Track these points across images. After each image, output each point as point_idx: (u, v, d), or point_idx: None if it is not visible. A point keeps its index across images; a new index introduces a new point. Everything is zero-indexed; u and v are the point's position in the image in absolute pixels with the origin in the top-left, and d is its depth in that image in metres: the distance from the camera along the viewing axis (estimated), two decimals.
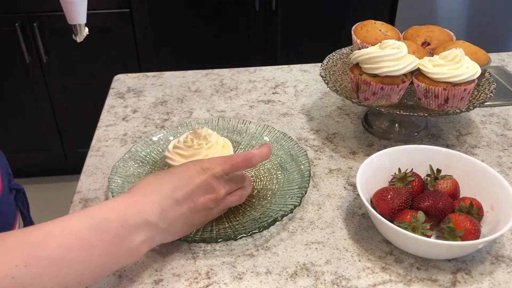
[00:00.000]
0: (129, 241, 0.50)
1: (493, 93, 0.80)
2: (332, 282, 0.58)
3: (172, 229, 0.56)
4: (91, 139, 0.86)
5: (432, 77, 0.75)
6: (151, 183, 0.55)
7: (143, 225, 0.51)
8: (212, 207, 0.58)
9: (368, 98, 0.78)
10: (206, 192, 0.57)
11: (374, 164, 0.68)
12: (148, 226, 0.52)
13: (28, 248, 0.44)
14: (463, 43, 0.83)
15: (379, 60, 0.75)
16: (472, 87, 0.76)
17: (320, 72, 0.86)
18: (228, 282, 0.58)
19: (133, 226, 0.50)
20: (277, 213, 0.65)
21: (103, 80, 1.25)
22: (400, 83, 0.76)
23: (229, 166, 0.58)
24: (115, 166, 0.71)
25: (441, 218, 0.61)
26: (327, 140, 0.84)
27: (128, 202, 0.52)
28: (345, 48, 0.95)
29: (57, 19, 1.83)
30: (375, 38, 0.86)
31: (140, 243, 0.51)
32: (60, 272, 0.45)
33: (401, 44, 0.77)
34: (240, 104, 0.95)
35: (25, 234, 0.45)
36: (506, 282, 0.58)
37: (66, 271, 0.45)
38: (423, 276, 0.58)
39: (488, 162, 0.78)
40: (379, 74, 0.75)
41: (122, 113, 0.93)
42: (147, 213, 0.52)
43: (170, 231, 0.56)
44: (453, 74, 0.74)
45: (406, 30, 0.92)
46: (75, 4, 0.79)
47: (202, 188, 0.56)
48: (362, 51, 0.77)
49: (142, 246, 0.52)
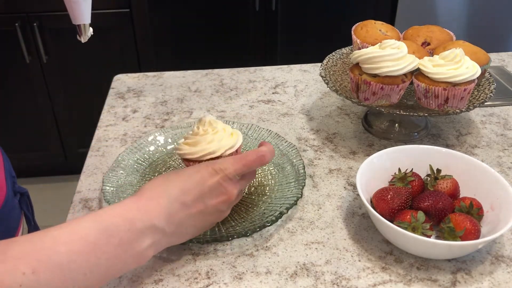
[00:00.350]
0: (136, 245, 0.50)
1: (493, 93, 0.80)
2: (332, 282, 0.58)
3: (180, 232, 0.55)
4: (91, 139, 0.85)
5: (432, 77, 0.75)
6: (159, 185, 0.54)
7: (150, 230, 0.51)
8: (224, 208, 0.57)
9: (368, 98, 0.78)
10: (218, 195, 0.56)
11: (374, 164, 0.68)
12: (154, 230, 0.51)
13: (36, 254, 0.44)
14: (463, 43, 0.83)
15: (379, 60, 0.75)
16: (472, 87, 0.76)
17: (320, 72, 0.86)
18: (228, 282, 0.58)
19: (139, 231, 0.50)
20: (281, 206, 0.65)
21: (103, 80, 1.25)
22: (400, 83, 0.76)
23: (241, 165, 0.57)
24: (106, 175, 0.71)
25: (441, 218, 0.61)
26: (327, 140, 0.84)
27: (134, 206, 0.51)
28: (345, 48, 0.95)
29: (57, 19, 1.83)
30: (375, 38, 0.86)
31: (147, 247, 0.51)
32: (69, 277, 0.45)
33: (401, 44, 0.77)
34: (240, 104, 0.95)
35: (33, 241, 0.45)
36: (506, 282, 0.58)
37: (74, 276, 0.45)
38: (423, 276, 0.58)
39: (488, 162, 0.78)
40: (379, 74, 0.75)
41: (122, 113, 0.93)
42: (153, 218, 0.51)
43: (178, 234, 0.55)
44: (453, 74, 0.74)
45: (406, 30, 0.92)
46: (79, 4, 0.78)
47: (214, 191, 0.55)
48: (362, 51, 0.77)
49: (149, 250, 0.51)
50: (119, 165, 0.73)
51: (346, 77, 0.88)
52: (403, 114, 0.76)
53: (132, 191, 0.70)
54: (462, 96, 0.75)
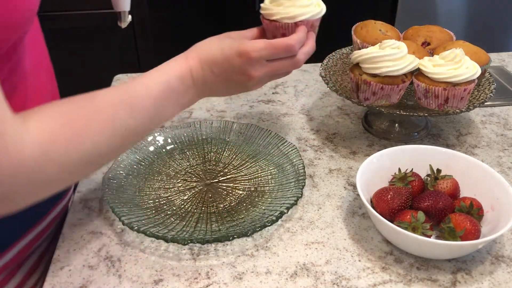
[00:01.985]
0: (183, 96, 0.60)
1: (493, 93, 0.80)
2: (332, 282, 0.58)
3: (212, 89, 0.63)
4: None
5: (432, 77, 0.75)
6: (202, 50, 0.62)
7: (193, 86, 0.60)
8: (248, 84, 0.63)
9: (368, 98, 0.78)
10: (239, 74, 0.61)
11: (374, 164, 0.68)
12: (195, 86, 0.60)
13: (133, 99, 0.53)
14: (463, 43, 0.83)
15: (379, 60, 0.75)
16: (472, 87, 0.76)
17: (320, 72, 0.86)
18: (228, 282, 0.58)
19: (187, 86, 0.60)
20: (281, 206, 0.65)
21: (103, 80, 1.24)
22: (400, 83, 0.76)
23: (267, 52, 0.60)
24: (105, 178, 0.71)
25: (441, 218, 0.61)
26: (327, 140, 0.84)
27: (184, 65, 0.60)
28: (345, 48, 0.95)
29: (57, 19, 1.83)
30: (375, 38, 0.86)
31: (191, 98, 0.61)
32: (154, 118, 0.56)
33: (401, 44, 0.77)
34: (240, 104, 0.95)
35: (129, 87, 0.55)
36: (506, 282, 0.58)
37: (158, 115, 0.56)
38: (423, 276, 0.58)
39: (488, 162, 0.78)
40: (379, 74, 0.75)
41: None
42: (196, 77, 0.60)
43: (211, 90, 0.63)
44: (453, 74, 0.74)
45: (406, 30, 0.92)
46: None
47: (235, 71, 0.61)
48: (362, 51, 0.77)
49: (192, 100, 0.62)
50: (119, 165, 0.73)
51: (346, 77, 0.88)
52: (403, 114, 0.76)
53: (132, 191, 0.70)
54: (462, 96, 0.75)
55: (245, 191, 0.71)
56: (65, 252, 0.62)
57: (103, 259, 0.61)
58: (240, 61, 0.60)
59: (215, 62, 0.61)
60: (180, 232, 0.63)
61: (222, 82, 0.62)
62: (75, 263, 0.61)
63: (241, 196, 0.70)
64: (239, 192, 0.71)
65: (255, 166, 0.76)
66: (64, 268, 0.60)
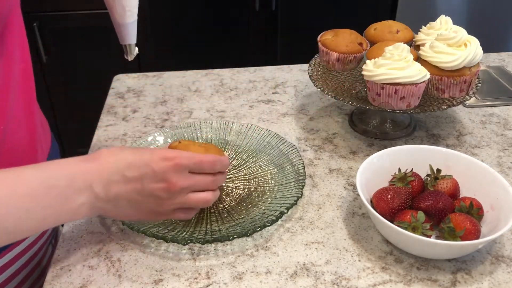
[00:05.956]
0: (71, 201, 0.52)
1: (479, 86, 0.81)
2: (332, 282, 0.58)
3: (116, 205, 0.55)
4: (91, 139, 0.86)
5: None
6: (113, 154, 0.55)
7: (87, 190, 0.52)
8: (164, 197, 0.56)
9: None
10: (159, 181, 0.55)
11: (374, 164, 0.68)
12: (90, 192, 0.53)
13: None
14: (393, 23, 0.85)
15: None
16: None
17: (308, 71, 0.86)
18: (228, 282, 0.58)
19: (77, 189, 0.52)
20: (281, 206, 0.65)
21: (103, 80, 1.24)
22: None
23: (193, 163, 0.57)
24: None
25: (441, 218, 0.61)
26: (327, 140, 0.84)
27: (81, 165, 0.53)
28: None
29: (57, 19, 1.83)
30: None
31: (81, 205, 0.52)
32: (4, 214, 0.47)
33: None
34: (240, 104, 0.95)
35: None
36: (506, 282, 0.58)
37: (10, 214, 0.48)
38: (423, 276, 0.58)
39: (488, 162, 0.78)
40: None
41: (122, 113, 0.93)
42: (93, 180, 0.53)
43: (114, 206, 0.55)
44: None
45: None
46: (126, 27, 0.86)
47: (156, 175, 0.55)
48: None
49: (82, 208, 0.53)
50: None
51: (333, 77, 0.88)
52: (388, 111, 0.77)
53: None
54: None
55: (245, 191, 0.71)
56: (65, 252, 0.62)
57: (103, 259, 0.61)
58: (163, 166, 0.54)
59: (131, 165, 0.54)
60: (180, 232, 0.63)
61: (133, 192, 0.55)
62: (75, 263, 0.61)
63: (241, 196, 0.70)
64: (239, 192, 0.71)
65: (255, 166, 0.76)
66: (64, 268, 0.60)
